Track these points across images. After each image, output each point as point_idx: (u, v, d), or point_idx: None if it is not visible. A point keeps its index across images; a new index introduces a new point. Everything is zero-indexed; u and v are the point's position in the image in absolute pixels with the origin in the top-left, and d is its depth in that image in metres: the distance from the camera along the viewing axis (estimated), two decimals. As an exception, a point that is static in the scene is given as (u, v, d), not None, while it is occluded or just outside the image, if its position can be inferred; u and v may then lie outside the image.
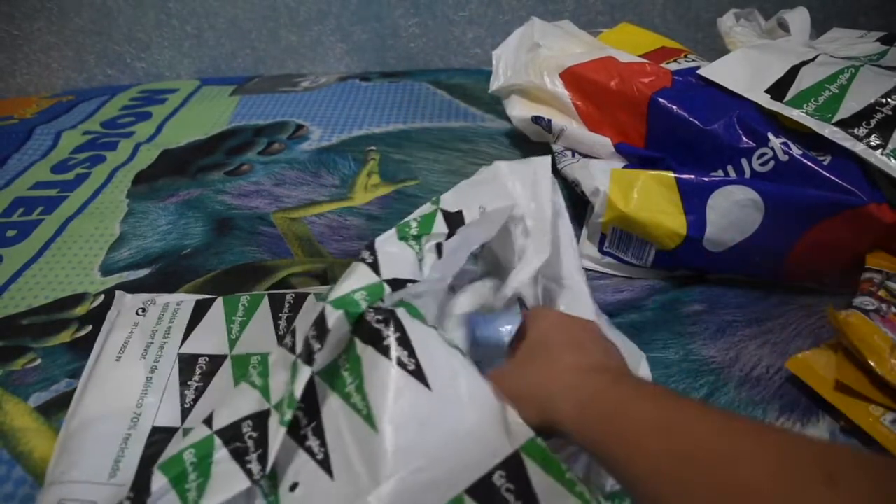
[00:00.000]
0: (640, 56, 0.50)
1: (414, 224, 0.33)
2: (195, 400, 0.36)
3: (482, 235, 0.34)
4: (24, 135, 0.67)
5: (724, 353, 0.39)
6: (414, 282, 0.30)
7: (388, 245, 0.31)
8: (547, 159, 0.37)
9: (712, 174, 0.42)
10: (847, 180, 0.38)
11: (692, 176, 0.42)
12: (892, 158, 0.37)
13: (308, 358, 0.27)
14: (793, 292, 0.42)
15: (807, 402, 0.35)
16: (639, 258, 0.44)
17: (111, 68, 0.82)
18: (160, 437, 0.33)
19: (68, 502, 0.30)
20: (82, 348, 0.41)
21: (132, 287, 0.46)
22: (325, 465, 0.26)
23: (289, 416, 0.26)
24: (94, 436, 0.34)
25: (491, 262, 0.38)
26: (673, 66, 0.49)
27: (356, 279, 0.29)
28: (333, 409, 0.27)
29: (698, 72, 0.46)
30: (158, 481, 0.26)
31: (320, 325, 0.27)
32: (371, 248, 0.31)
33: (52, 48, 0.79)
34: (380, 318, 0.27)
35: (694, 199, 0.41)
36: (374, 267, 0.30)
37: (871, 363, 0.32)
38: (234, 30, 0.79)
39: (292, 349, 0.29)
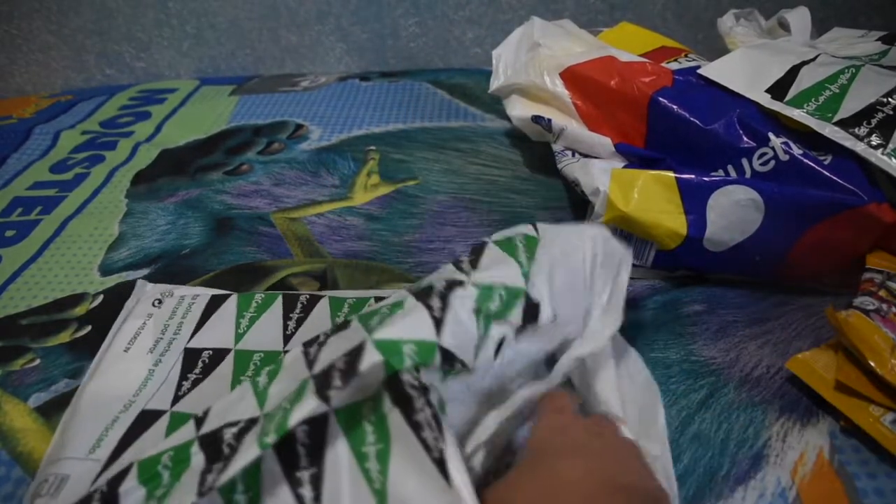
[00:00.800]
0: (640, 55, 0.49)
1: (497, 301, 0.28)
2: (190, 389, 0.36)
3: (536, 352, 0.29)
4: (22, 134, 0.67)
5: (725, 354, 0.39)
6: (463, 365, 0.26)
7: (463, 308, 0.26)
8: (629, 255, 0.34)
9: (712, 174, 0.42)
10: (847, 180, 0.38)
11: (692, 176, 0.42)
12: (892, 158, 0.37)
13: (322, 391, 0.23)
14: (793, 292, 0.42)
15: (807, 403, 0.35)
16: (639, 258, 0.44)
17: (110, 68, 0.81)
18: (147, 419, 0.33)
19: (49, 476, 0.31)
20: (82, 348, 0.41)
21: (132, 287, 0.45)
22: None
23: (271, 439, 0.23)
24: (86, 419, 0.34)
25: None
26: (673, 66, 0.49)
27: (412, 326, 0.25)
28: (341, 463, 0.24)
29: (698, 71, 0.46)
30: (131, 481, 0.25)
31: (352, 360, 0.23)
32: (444, 299, 0.26)
33: (50, 48, 0.79)
34: (416, 384, 0.24)
35: (694, 199, 0.41)
36: (438, 324, 0.25)
37: (872, 363, 0.32)
38: (234, 30, 0.79)
39: (311, 362, 0.26)
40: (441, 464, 0.22)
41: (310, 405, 0.23)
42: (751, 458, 0.33)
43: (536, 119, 0.52)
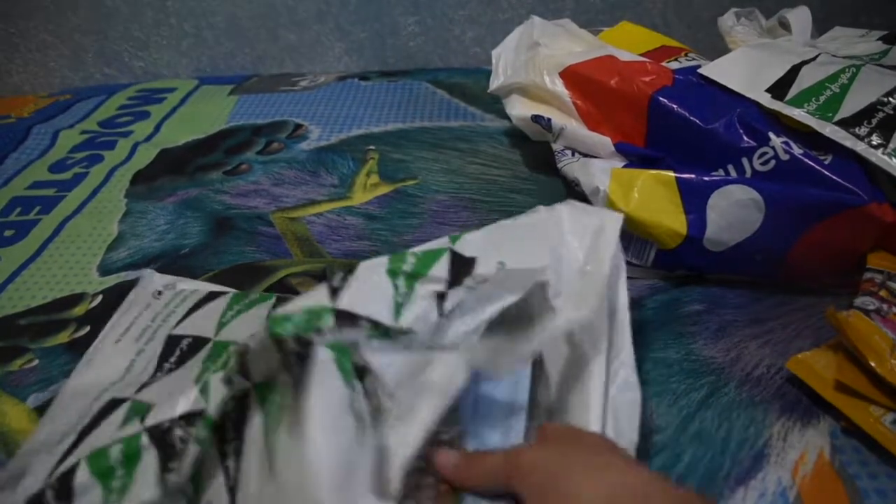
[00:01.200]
0: (640, 55, 0.49)
1: (411, 259, 0.27)
2: (161, 378, 0.34)
3: (501, 300, 0.27)
4: (21, 134, 0.67)
5: (725, 354, 0.39)
6: (375, 323, 0.25)
7: (373, 272, 0.26)
8: (619, 217, 0.31)
9: (713, 173, 0.42)
10: (848, 180, 0.38)
11: (692, 175, 0.42)
12: (893, 158, 0.37)
13: (229, 378, 0.24)
14: (793, 292, 0.42)
15: (807, 403, 0.35)
16: (639, 258, 0.44)
17: (109, 67, 0.81)
18: (111, 407, 0.32)
19: (13, 468, 0.30)
20: (80, 349, 0.40)
21: (132, 287, 0.45)
22: (232, 496, 0.24)
23: (202, 433, 0.24)
24: (61, 411, 0.33)
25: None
26: (673, 65, 0.48)
27: (308, 298, 0.25)
28: (254, 435, 0.24)
29: (699, 71, 0.46)
30: (83, 475, 0.25)
31: (250, 340, 0.24)
32: (350, 271, 0.26)
33: (49, 47, 0.79)
34: (297, 350, 0.23)
35: (694, 199, 0.41)
36: (336, 291, 0.25)
37: (872, 363, 0.32)
38: (233, 29, 0.79)
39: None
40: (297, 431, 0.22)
41: (220, 393, 0.24)
42: (751, 458, 0.33)
43: (536, 118, 0.51)
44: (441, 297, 0.27)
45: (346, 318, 0.24)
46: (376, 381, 0.24)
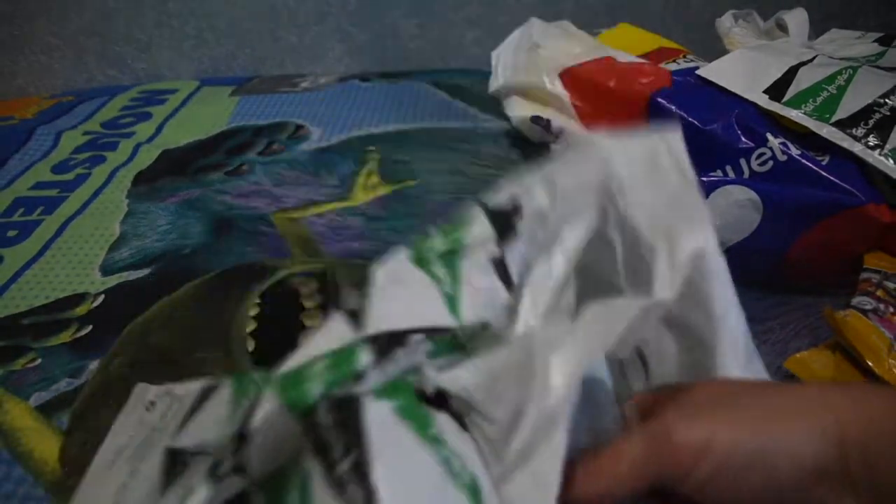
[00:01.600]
0: (639, 56, 0.50)
1: (437, 237, 0.21)
2: None
3: (573, 228, 0.19)
4: (24, 135, 0.67)
5: (723, 353, 0.39)
6: (436, 334, 0.18)
7: (396, 273, 0.20)
8: (677, 136, 0.22)
9: (711, 174, 0.42)
10: (845, 180, 0.38)
11: (691, 176, 0.42)
12: (889, 159, 0.37)
13: (213, 473, 0.16)
14: (791, 292, 0.43)
15: (805, 402, 0.35)
16: (638, 258, 0.44)
17: (111, 69, 0.82)
18: None
19: None
20: (83, 348, 0.41)
21: (133, 287, 0.46)
22: None
23: None
24: None
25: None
26: (672, 67, 0.49)
27: (322, 338, 0.18)
28: None
29: (697, 72, 0.46)
30: None
31: (244, 421, 0.17)
32: (361, 286, 0.20)
33: (52, 49, 0.80)
34: (332, 417, 0.16)
35: (693, 200, 0.41)
36: (356, 315, 0.18)
37: (869, 363, 0.32)
38: (234, 30, 0.80)
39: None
40: None
41: (198, 497, 0.16)
42: (749, 457, 0.33)
43: (536, 119, 0.52)
44: (499, 263, 0.19)
45: (390, 343, 0.17)
46: (469, 410, 0.17)
